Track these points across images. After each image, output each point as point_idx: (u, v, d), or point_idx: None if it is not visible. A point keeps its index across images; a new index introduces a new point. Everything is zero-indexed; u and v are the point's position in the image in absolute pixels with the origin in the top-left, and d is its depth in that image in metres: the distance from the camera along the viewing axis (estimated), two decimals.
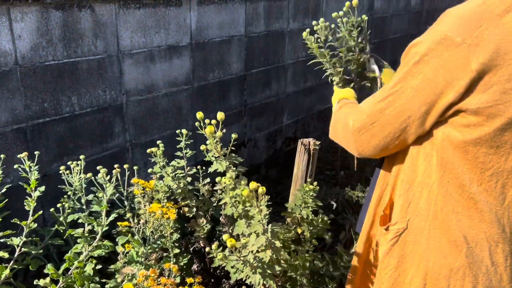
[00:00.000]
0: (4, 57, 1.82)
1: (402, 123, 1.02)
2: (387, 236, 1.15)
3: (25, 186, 1.49)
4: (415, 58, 0.97)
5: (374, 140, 1.08)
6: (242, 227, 1.23)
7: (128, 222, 1.51)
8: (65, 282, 1.26)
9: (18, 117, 1.92)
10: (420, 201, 1.07)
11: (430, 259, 1.07)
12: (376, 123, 1.06)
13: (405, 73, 0.99)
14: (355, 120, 1.10)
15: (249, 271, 1.16)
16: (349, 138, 1.13)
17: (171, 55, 2.51)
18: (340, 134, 1.20)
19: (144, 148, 2.49)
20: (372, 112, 1.06)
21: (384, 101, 1.04)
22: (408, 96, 0.99)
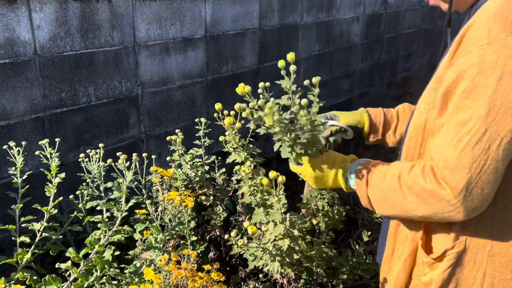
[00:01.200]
0: (23, 47, 1.84)
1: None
2: (440, 264, 1.03)
3: (46, 173, 1.51)
4: (494, 74, 0.83)
5: (487, 188, 0.88)
6: (261, 216, 1.24)
7: (146, 210, 1.53)
8: (85, 265, 1.28)
9: (36, 107, 1.94)
10: (482, 217, 0.96)
11: (495, 276, 1.00)
12: (484, 169, 0.86)
13: (493, 95, 0.84)
14: (452, 181, 0.88)
15: (268, 258, 1.17)
16: (445, 205, 0.91)
17: (186, 47, 2.52)
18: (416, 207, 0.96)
19: (158, 139, 2.52)
20: (474, 160, 0.86)
21: (483, 139, 0.85)
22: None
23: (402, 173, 0.98)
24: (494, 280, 1.01)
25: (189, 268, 1.16)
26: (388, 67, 4.66)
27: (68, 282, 1.24)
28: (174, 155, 1.64)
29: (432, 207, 0.92)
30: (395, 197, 0.98)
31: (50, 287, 1.21)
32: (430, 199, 0.92)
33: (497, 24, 0.85)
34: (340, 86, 4.07)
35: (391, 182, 0.99)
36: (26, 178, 1.61)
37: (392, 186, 0.99)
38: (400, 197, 0.97)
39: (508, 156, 0.86)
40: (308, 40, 3.48)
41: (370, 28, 4.16)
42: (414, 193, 0.94)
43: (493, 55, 0.83)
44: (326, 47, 3.68)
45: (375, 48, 4.35)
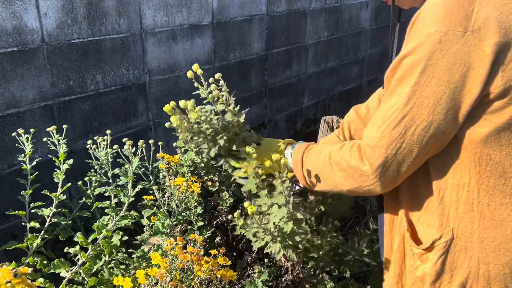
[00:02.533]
0: (31, 35, 1.85)
1: (431, 137, 0.93)
2: (431, 254, 1.05)
3: (54, 159, 1.53)
4: (418, 66, 0.89)
5: (403, 167, 0.97)
6: (264, 199, 1.24)
7: (153, 196, 1.54)
8: (93, 250, 1.30)
9: (45, 95, 1.96)
10: (459, 204, 1.00)
11: (489, 262, 1.00)
12: (400, 151, 0.94)
13: (414, 86, 0.90)
14: (371, 158, 0.97)
15: (269, 239, 1.18)
16: (365, 180, 1.00)
17: (193, 34, 2.51)
18: (342, 181, 1.05)
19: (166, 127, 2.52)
20: (391, 141, 0.94)
21: (400, 124, 0.93)
22: (428, 107, 0.90)
23: (332, 151, 1.08)
24: (489, 266, 1.00)
25: (195, 252, 1.17)
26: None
27: (77, 266, 1.26)
28: (178, 142, 1.64)
29: (355, 181, 1.02)
30: (326, 173, 1.09)
31: (59, 270, 1.24)
32: (353, 174, 1.01)
33: (432, 18, 0.88)
34: (349, 72, 4.03)
35: (323, 159, 1.09)
36: (36, 165, 1.63)
37: (324, 163, 1.09)
38: (330, 173, 1.07)
39: (424, 141, 0.93)
40: (316, 26, 3.44)
41: (379, 13, 4.10)
42: (341, 169, 1.04)
43: (421, 48, 0.88)
44: (335, 33, 3.65)
45: (385, 33, 4.29)
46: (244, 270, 1.52)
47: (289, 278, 1.41)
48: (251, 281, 1.36)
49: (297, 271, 1.40)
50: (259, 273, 1.36)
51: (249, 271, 1.52)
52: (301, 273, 1.41)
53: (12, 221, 1.96)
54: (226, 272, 1.32)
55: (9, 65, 1.81)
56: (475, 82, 0.86)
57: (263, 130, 3.28)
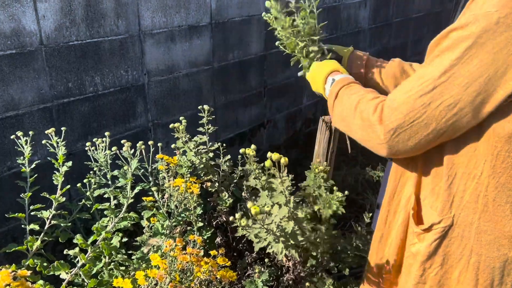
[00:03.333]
0: (29, 37, 1.85)
1: (452, 117, 0.91)
2: (427, 235, 1.07)
3: (53, 161, 1.53)
4: (465, 42, 0.86)
5: (413, 140, 0.96)
6: (265, 198, 1.25)
7: (152, 197, 1.54)
8: (93, 251, 1.30)
9: (44, 97, 1.96)
10: (465, 194, 1.00)
11: (482, 253, 1.02)
12: (417, 121, 0.93)
13: (454, 60, 0.88)
14: (387, 119, 0.96)
15: (272, 240, 1.18)
16: (375, 137, 1.00)
17: (191, 35, 2.51)
18: (357, 129, 1.07)
19: (166, 128, 2.53)
20: (412, 109, 0.93)
21: (427, 95, 0.91)
22: (461, 85, 0.87)
23: (363, 98, 1.07)
24: (481, 258, 1.02)
25: (194, 253, 1.17)
26: (397, 52, 4.60)
27: (77, 268, 1.26)
28: (178, 142, 1.65)
29: (367, 134, 1.02)
30: (347, 115, 1.09)
31: (59, 272, 1.24)
32: (368, 128, 1.01)
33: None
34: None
35: (352, 102, 1.09)
36: (35, 168, 1.63)
37: (350, 106, 1.09)
38: (351, 117, 1.08)
39: (444, 119, 0.91)
40: None
41: (378, 12, 4.10)
42: (361, 118, 1.04)
43: (475, 25, 0.85)
44: (333, 32, 3.65)
45: (383, 32, 4.29)
46: (245, 270, 1.52)
47: (290, 277, 1.41)
48: (252, 281, 1.36)
49: (298, 270, 1.41)
50: (259, 273, 1.36)
51: (249, 271, 1.52)
52: (302, 272, 1.41)
53: (12, 224, 1.96)
54: (226, 273, 1.32)
55: (8, 68, 1.81)
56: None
57: (262, 130, 3.28)
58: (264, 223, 1.16)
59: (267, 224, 1.17)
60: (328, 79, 1.21)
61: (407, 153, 1.00)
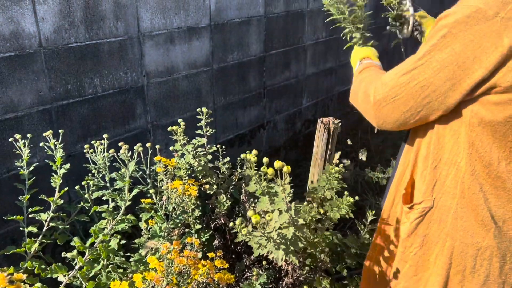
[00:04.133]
0: (28, 39, 1.86)
1: (425, 98, 0.99)
2: (410, 214, 1.14)
3: (50, 164, 1.53)
4: (443, 31, 0.94)
5: (395, 114, 1.06)
6: (265, 204, 1.25)
7: (151, 200, 1.54)
8: (91, 254, 1.30)
9: (43, 99, 1.97)
10: (447, 179, 1.06)
11: (456, 238, 1.06)
12: (398, 97, 1.03)
13: (432, 46, 0.96)
14: (377, 92, 1.08)
15: (272, 247, 1.18)
16: (369, 109, 1.11)
17: (190, 37, 2.51)
18: (360, 103, 1.18)
19: (165, 129, 2.53)
20: (396, 85, 1.03)
21: (408, 74, 1.01)
22: (433, 70, 0.96)
23: (372, 76, 1.18)
24: (455, 243, 1.06)
25: (191, 256, 1.17)
26: (396, 53, 4.60)
27: (74, 270, 1.26)
28: (176, 145, 1.65)
29: (364, 105, 1.14)
30: (358, 89, 1.20)
31: (56, 275, 1.24)
32: (365, 99, 1.13)
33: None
34: (348, 72, 4.02)
35: (364, 78, 1.21)
36: (34, 170, 1.63)
37: (361, 81, 1.21)
38: (359, 90, 1.18)
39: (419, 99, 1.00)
40: (314, 27, 3.44)
41: (378, 13, 4.10)
42: (363, 91, 1.15)
43: (452, 16, 0.93)
44: (333, 34, 3.64)
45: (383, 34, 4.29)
46: (243, 272, 1.52)
47: (289, 281, 1.41)
48: (250, 284, 1.36)
49: (298, 274, 1.41)
50: (257, 276, 1.36)
51: (247, 274, 1.52)
52: (301, 276, 1.41)
53: (11, 226, 1.96)
54: (224, 275, 1.32)
55: (7, 70, 1.81)
56: (482, 66, 0.89)
57: (262, 131, 3.28)
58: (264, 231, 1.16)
59: (268, 232, 1.18)
60: (357, 63, 1.34)
61: (392, 125, 1.09)
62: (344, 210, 1.71)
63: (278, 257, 1.23)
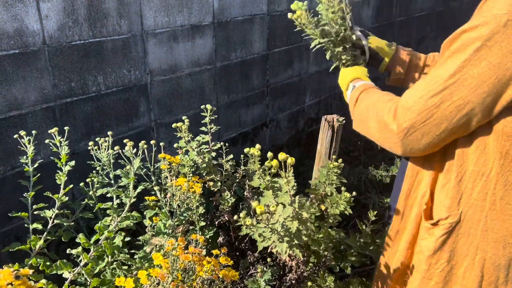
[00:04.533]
0: (32, 37, 1.86)
1: (462, 117, 0.93)
2: (435, 230, 1.09)
3: (56, 161, 1.53)
4: (475, 44, 0.88)
5: (426, 138, 0.98)
6: (269, 198, 1.24)
7: (155, 197, 1.54)
8: (95, 251, 1.30)
9: (47, 96, 1.97)
10: (473, 192, 1.02)
11: (487, 250, 1.03)
12: (429, 121, 0.96)
13: (463, 62, 0.90)
14: (401, 118, 0.99)
15: (276, 239, 1.18)
16: (391, 137, 1.03)
17: (194, 35, 2.51)
18: (375, 132, 1.09)
19: (168, 127, 2.53)
20: (424, 109, 0.95)
21: (438, 96, 0.93)
22: (470, 87, 0.89)
23: (379, 101, 1.11)
24: (487, 255, 1.03)
25: (196, 253, 1.17)
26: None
27: (79, 267, 1.26)
28: (180, 142, 1.65)
29: (383, 135, 1.06)
30: (365, 116, 1.13)
31: (61, 271, 1.24)
32: (383, 128, 1.05)
33: (503, 1, 0.86)
34: None
35: (369, 104, 1.13)
36: (38, 168, 1.64)
37: (367, 108, 1.13)
38: (368, 118, 1.11)
39: (454, 119, 0.94)
40: None
41: (381, 11, 4.09)
42: (376, 119, 1.07)
43: (484, 27, 0.87)
44: None
45: (386, 31, 4.28)
46: (247, 269, 1.52)
47: (293, 277, 1.41)
48: (254, 281, 1.36)
49: (301, 270, 1.40)
50: (261, 273, 1.36)
51: (252, 271, 1.52)
52: (305, 271, 1.41)
53: (16, 223, 1.97)
54: (228, 272, 1.32)
55: (11, 67, 1.82)
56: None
57: (265, 129, 3.28)
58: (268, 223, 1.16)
59: (272, 223, 1.17)
60: (349, 86, 1.25)
61: (421, 151, 1.02)
62: (343, 206, 1.70)
63: (282, 250, 1.23)
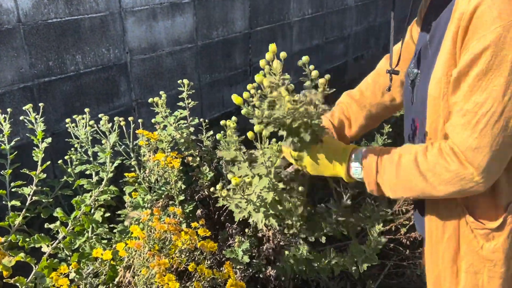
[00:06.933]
0: (6, 15, 1.83)
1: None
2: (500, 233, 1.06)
3: (32, 138, 1.53)
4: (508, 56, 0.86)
5: (505, 161, 0.95)
6: (245, 170, 1.26)
7: (134, 173, 1.55)
8: (74, 225, 1.31)
9: (24, 76, 1.94)
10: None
11: None
12: (502, 146, 0.92)
13: (507, 77, 0.87)
14: (475, 161, 0.93)
15: (252, 209, 1.20)
16: (468, 183, 0.96)
17: (173, 12, 2.49)
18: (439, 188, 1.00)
19: (149, 107, 2.51)
20: (493, 138, 0.91)
21: (501, 118, 0.90)
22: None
23: (418, 156, 1.01)
24: None
25: (172, 223, 1.19)
26: (384, 30, 4.60)
27: (58, 240, 1.27)
28: (157, 117, 1.65)
29: (455, 186, 0.97)
30: (413, 180, 1.02)
31: (39, 245, 1.25)
32: (453, 179, 0.96)
33: (502, 10, 0.86)
34: (335, 50, 4.02)
35: (408, 165, 1.02)
36: (18, 148, 1.63)
37: (410, 170, 1.02)
38: (420, 180, 1.01)
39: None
40: (300, 3, 3.42)
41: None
42: (436, 174, 0.98)
43: (502, 40, 0.85)
44: (319, 10, 3.63)
45: (370, 10, 4.27)
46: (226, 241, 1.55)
47: (270, 246, 1.43)
48: (232, 251, 1.38)
49: (278, 239, 1.43)
50: (239, 243, 1.38)
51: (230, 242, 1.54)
52: (281, 240, 1.44)
53: None
54: (207, 243, 1.34)
55: None
56: None
57: None
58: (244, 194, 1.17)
59: (248, 194, 1.19)
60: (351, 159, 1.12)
61: (499, 175, 0.99)
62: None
63: (258, 220, 1.24)
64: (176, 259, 1.20)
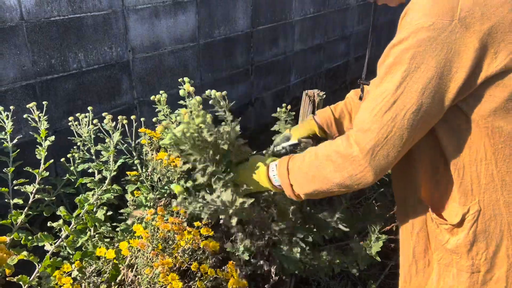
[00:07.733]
0: (9, 12, 1.83)
1: (419, 121, 0.96)
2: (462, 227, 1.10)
3: (35, 136, 1.53)
4: (407, 53, 0.94)
5: (392, 153, 0.98)
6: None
7: (136, 172, 1.55)
8: (76, 223, 1.31)
9: (26, 73, 1.94)
10: (480, 178, 1.04)
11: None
12: (391, 135, 0.97)
13: (404, 72, 0.94)
14: (362, 142, 0.98)
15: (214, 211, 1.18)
16: (356, 167, 1.00)
17: (176, 11, 2.49)
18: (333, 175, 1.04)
19: (151, 105, 2.51)
20: (382, 125, 0.96)
21: (391, 109, 0.96)
22: (417, 91, 0.94)
23: (319, 148, 1.09)
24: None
25: (176, 222, 1.19)
26: (385, 30, 4.59)
27: (61, 239, 1.27)
28: (159, 115, 1.65)
29: (346, 170, 1.01)
30: (314, 170, 1.07)
31: (42, 243, 1.25)
32: (344, 163, 1.01)
33: (421, 10, 0.94)
34: (336, 49, 4.02)
35: (310, 158, 1.09)
36: (20, 145, 1.63)
37: (310, 161, 1.08)
38: (319, 168, 1.06)
39: (413, 125, 0.96)
40: (302, 2, 3.42)
41: None
42: (330, 160, 1.03)
43: (411, 37, 0.94)
44: (321, 9, 3.62)
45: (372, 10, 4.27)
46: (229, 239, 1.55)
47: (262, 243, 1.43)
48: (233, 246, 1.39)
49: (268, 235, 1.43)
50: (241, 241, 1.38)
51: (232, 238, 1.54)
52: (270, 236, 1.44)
53: None
54: (209, 243, 1.34)
55: None
56: (460, 67, 0.92)
57: (250, 108, 3.28)
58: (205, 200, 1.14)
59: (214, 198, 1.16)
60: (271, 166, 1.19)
61: (389, 167, 1.02)
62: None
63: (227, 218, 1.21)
64: (179, 258, 1.20)
